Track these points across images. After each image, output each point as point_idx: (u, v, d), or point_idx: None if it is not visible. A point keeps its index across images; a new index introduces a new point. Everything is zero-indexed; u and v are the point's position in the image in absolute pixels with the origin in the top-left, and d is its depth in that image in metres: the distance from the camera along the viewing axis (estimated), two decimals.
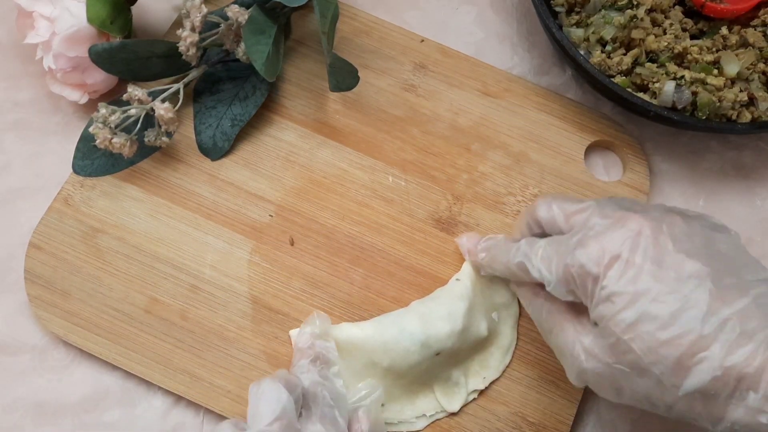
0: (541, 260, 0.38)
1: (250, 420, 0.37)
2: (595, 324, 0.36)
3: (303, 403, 0.39)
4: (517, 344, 0.48)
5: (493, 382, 0.47)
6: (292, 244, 0.49)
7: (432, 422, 0.46)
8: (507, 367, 0.47)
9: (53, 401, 0.46)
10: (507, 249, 0.42)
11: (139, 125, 0.47)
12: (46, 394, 0.46)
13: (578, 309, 0.38)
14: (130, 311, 0.47)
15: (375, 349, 0.44)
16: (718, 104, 0.50)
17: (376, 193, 0.51)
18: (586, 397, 0.48)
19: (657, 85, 0.50)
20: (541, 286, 0.40)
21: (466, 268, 0.47)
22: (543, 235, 0.42)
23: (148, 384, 0.46)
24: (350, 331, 0.45)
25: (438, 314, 0.44)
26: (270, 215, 0.50)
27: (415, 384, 0.45)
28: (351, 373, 0.45)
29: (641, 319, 0.34)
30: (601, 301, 0.35)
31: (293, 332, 0.46)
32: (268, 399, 0.37)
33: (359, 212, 0.50)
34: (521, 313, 0.48)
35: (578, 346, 0.37)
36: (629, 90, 0.50)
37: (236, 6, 0.48)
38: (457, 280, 0.47)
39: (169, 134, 0.49)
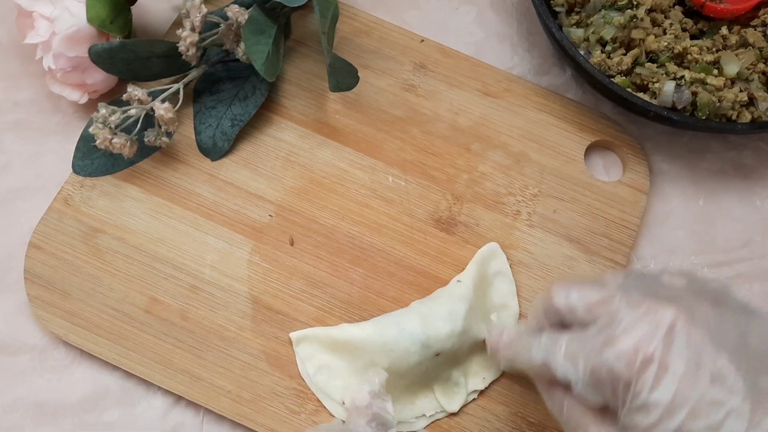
0: (566, 358, 0.35)
1: None
2: (624, 429, 0.33)
3: None
4: None
5: (492, 382, 0.47)
6: (292, 244, 0.49)
7: (432, 422, 0.46)
8: None
9: (53, 401, 0.46)
10: (528, 345, 0.38)
11: (139, 125, 0.47)
12: (46, 394, 0.46)
13: (602, 408, 0.35)
14: (130, 311, 0.47)
15: (375, 350, 0.44)
16: (718, 104, 0.50)
17: (376, 193, 0.51)
18: None
19: (657, 85, 0.50)
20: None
21: (468, 270, 0.47)
22: (562, 323, 0.38)
23: (148, 384, 0.46)
24: (350, 331, 0.45)
25: (438, 315, 0.44)
26: (270, 215, 0.50)
27: (415, 384, 0.45)
28: (351, 372, 0.45)
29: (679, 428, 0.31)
30: (634, 411, 0.32)
31: (294, 335, 0.46)
32: None
33: (359, 212, 0.50)
34: (521, 313, 0.48)
35: None
36: (629, 90, 0.50)
37: (236, 6, 0.48)
38: (458, 281, 0.47)
39: (169, 134, 0.49)
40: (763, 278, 0.52)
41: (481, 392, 0.47)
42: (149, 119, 0.48)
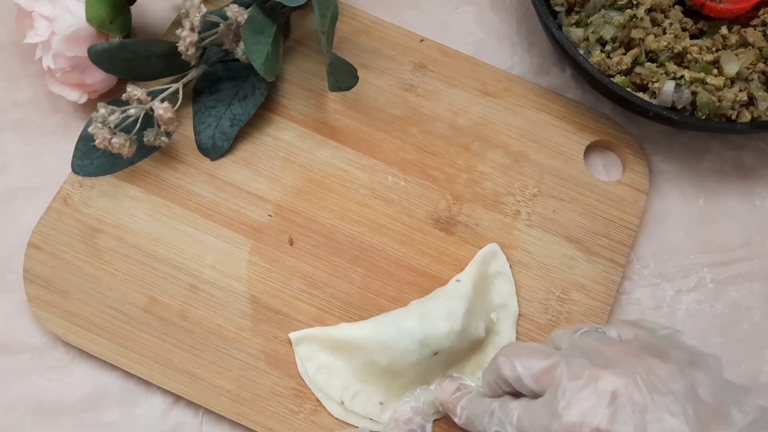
0: (517, 430, 0.36)
1: None
2: None
3: None
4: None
5: None
6: (291, 244, 0.49)
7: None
8: None
9: (53, 401, 0.46)
10: (482, 410, 0.40)
11: (138, 125, 0.47)
12: (46, 393, 0.46)
13: None
14: (130, 311, 0.47)
15: (374, 348, 0.44)
16: (718, 104, 0.50)
17: (376, 192, 0.51)
18: None
19: (656, 84, 0.50)
20: None
21: (468, 270, 0.47)
22: (514, 392, 0.39)
23: (148, 384, 0.46)
24: (350, 330, 0.45)
25: (437, 314, 0.44)
26: (269, 215, 0.50)
27: (413, 384, 0.45)
28: (350, 372, 0.45)
29: None
30: None
31: (293, 335, 0.46)
32: None
33: (359, 212, 0.50)
34: (521, 313, 0.48)
35: None
36: (629, 90, 0.50)
37: (235, 6, 0.47)
38: (458, 281, 0.47)
39: (168, 134, 0.49)
40: (763, 278, 0.52)
41: None
42: (149, 119, 0.47)
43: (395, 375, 0.44)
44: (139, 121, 0.47)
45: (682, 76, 0.50)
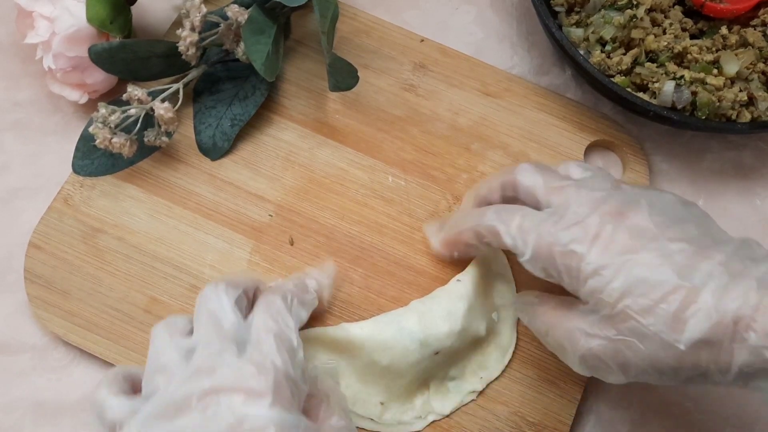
0: (518, 231, 0.39)
1: (195, 332, 0.36)
2: (587, 303, 0.37)
3: (258, 301, 0.38)
4: (516, 344, 0.48)
5: (492, 383, 0.47)
6: (291, 244, 0.49)
7: (431, 422, 0.46)
8: (506, 367, 0.47)
9: (53, 401, 0.46)
10: (477, 213, 0.42)
11: (138, 125, 0.47)
12: (46, 393, 0.46)
13: (567, 304, 0.39)
14: (130, 311, 0.47)
15: (375, 348, 0.44)
16: (718, 104, 0.50)
17: (376, 192, 0.51)
18: (586, 397, 0.48)
19: (656, 84, 0.50)
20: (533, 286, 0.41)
21: (469, 270, 0.48)
22: (512, 200, 0.42)
23: None
24: (350, 330, 0.45)
25: (437, 313, 0.44)
26: (270, 215, 0.50)
27: (413, 384, 0.45)
28: (352, 372, 0.45)
29: (631, 285, 0.35)
30: (589, 276, 0.36)
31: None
32: (212, 311, 0.36)
33: (359, 212, 0.50)
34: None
35: (575, 332, 0.37)
36: (629, 90, 0.50)
37: (236, 6, 0.48)
38: (458, 281, 0.47)
39: (168, 134, 0.49)
40: None
41: (481, 392, 0.47)
42: (149, 119, 0.48)
43: (395, 375, 0.44)
44: (140, 121, 0.47)
45: (682, 76, 0.50)
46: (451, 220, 0.46)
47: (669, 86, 0.50)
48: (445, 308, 0.45)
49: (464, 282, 0.46)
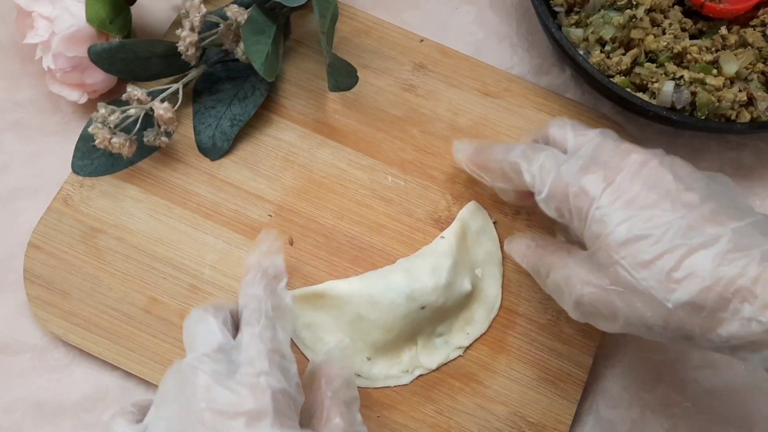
0: (540, 169, 0.39)
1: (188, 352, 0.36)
2: (588, 249, 0.37)
3: (242, 319, 0.38)
4: (502, 301, 0.49)
5: (491, 382, 0.47)
6: (291, 244, 0.49)
7: (417, 377, 0.46)
8: (492, 322, 0.48)
9: (53, 401, 0.46)
10: (506, 147, 0.43)
11: (138, 125, 0.47)
12: (46, 394, 0.46)
13: (567, 248, 0.40)
14: (130, 311, 0.47)
15: (362, 303, 0.45)
16: (717, 104, 0.50)
17: (376, 192, 0.51)
18: (586, 397, 0.48)
19: (656, 85, 0.50)
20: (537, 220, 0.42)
21: (453, 227, 0.48)
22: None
23: (148, 384, 0.46)
24: (338, 285, 0.46)
25: (423, 269, 0.46)
26: (269, 215, 0.50)
27: (401, 339, 0.46)
28: (338, 328, 0.46)
29: (632, 237, 0.34)
30: (595, 221, 0.36)
31: None
32: (201, 333, 0.36)
33: (358, 212, 0.50)
34: (520, 313, 0.48)
35: (574, 277, 0.38)
36: (628, 90, 0.50)
37: (235, 6, 0.48)
38: (442, 237, 0.48)
39: (168, 134, 0.49)
40: None
41: (481, 392, 0.47)
42: (149, 119, 0.48)
43: (383, 329, 0.45)
44: (139, 121, 0.47)
45: (682, 77, 0.50)
46: (483, 143, 0.46)
47: (668, 86, 0.50)
48: (430, 264, 0.46)
49: (448, 239, 0.47)
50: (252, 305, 0.37)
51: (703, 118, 0.50)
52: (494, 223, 0.50)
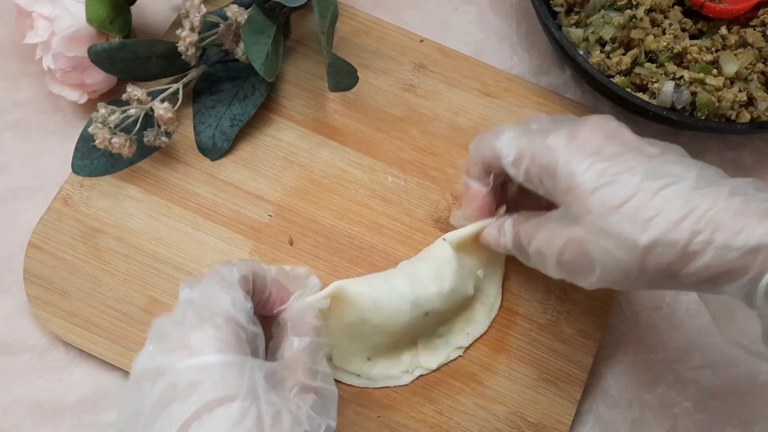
0: (508, 139, 0.41)
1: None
2: (561, 205, 0.38)
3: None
4: (502, 301, 0.49)
5: (491, 382, 0.47)
6: (291, 244, 0.49)
7: (417, 377, 0.46)
8: (492, 322, 0.48)
9: (53, 401, 0.46)
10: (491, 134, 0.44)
11: (138, 125, 0.47)
12: (46, 394, 0.46)
13: (544, 214, 0.40)
14: (130, 311, 0.47)
15: (366, 306, 0.44)
16: (717, 104, 0.50)
17: (376, 192, 0.51)
18: (586, 396, 0.48)
19: (656, 85, 0.50)
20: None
21: (454, 231, 0.48)
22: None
23: None
24: (343, 288, 0.45)
25: (427, 275, 0.45)
26: (269, 215, 0.50)
27: (402, 341, 0.46)
28: (339, 329, 0.45)
29: (601, 184, 0.35)
30: (564, 176, 0.37)
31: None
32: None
33: (358, 212, 0.50)
34: (521, 313, 0.48)
35: (551, 234, 0.38)
36: (628, 90, 0.50)
37: (235, 6, 0.48)
38: (444, 239, 0.47)
39: (168, 134, 0.49)
40: None
41: (480, 392, 0.47)
42: (149, 119, 0.48)
43: (385, 333, 0.45)
44: (139, 121, 0.47)
45: (682, 77, 0.50)
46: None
47: (668, 86, 0.50)
48: (435, 269, 0.45)
49: (450, 241, 0.47)
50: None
51: (703, 118, 0.50)
52: None
